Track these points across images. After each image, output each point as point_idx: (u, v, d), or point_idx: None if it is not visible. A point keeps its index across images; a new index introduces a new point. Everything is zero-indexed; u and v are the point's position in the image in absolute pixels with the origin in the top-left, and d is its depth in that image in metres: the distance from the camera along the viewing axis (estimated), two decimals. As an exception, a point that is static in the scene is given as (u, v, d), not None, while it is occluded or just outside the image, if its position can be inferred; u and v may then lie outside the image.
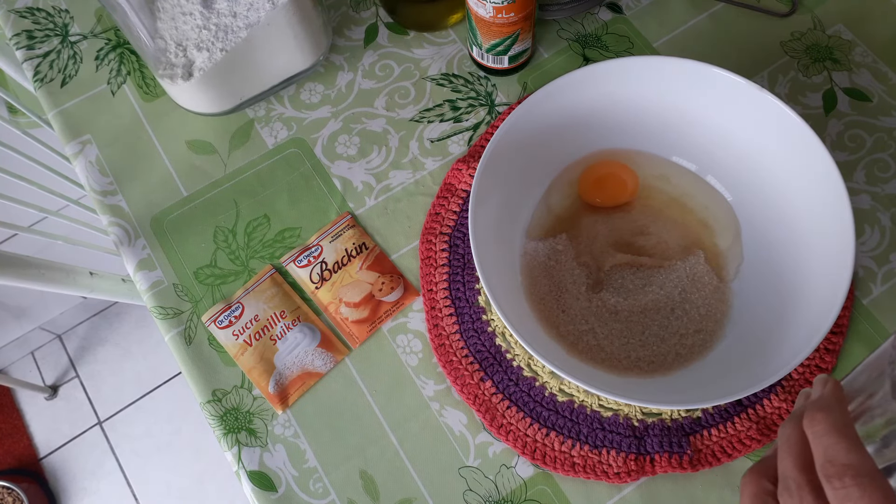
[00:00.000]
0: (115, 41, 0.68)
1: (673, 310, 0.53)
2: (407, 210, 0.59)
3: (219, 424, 0.54)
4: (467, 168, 0.58)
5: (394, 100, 0.63)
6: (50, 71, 0.67)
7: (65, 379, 1.41)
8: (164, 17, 0.55)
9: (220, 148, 0.62)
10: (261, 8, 0.55)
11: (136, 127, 0.64)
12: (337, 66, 0.65)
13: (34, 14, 0.70)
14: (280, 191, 0.61)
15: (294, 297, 0.57)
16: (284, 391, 0.54)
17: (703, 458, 0.50)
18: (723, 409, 0.51)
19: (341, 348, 0.55)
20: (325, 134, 0.62)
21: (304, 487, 0.51)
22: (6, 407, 1.38)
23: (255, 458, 0.52)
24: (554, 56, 0.64)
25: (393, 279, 0.56)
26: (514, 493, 0.51)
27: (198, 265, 0.58)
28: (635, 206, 0.57)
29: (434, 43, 0.65)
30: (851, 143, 0.60)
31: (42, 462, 1.34)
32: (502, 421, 0.52)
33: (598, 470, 0.50)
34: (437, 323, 0.55)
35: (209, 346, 0.56)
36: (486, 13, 0.55)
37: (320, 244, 0.58)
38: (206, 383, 0.55)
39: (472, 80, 0.64)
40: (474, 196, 0.50)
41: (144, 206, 0.61)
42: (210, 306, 0.57)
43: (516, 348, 0.54)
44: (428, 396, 0.53)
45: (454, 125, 0.62)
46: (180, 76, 0.56)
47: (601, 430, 0.51)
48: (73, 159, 0.64)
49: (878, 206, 0.57)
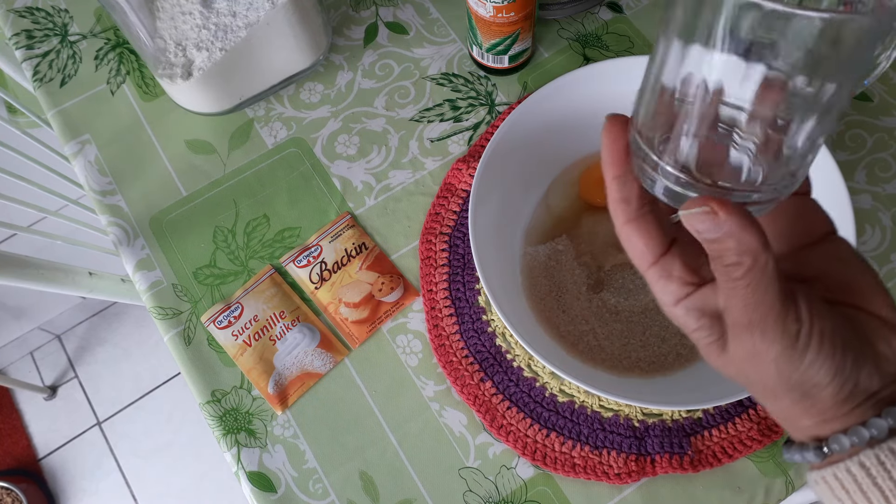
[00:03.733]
0: (115, 41, 0.68)
1: (673, 310, 0.53)
2: (407, 210, 0.59)
3: (218, 425, 0.53)
4: (467, 168, 0.58)
5: (394, 99, 0.63)
6: (49, 71, 0.67)
7: (64, 379, 1.41)
8: (164, 17, 0.55)
9: (219, 148, 0.62)
10: (260, 7, 0.54)
11: (135, 127, 0.64)
12: (337, 65, 0.65)
13: (34, 14, 0.70)
14: (279, 191, 0.60)
15: (293, 298, 0.57)
16: (284, 392, 0.54)
17: (703, 459, 0.50)
18: (724, 410, 0.51)
19: (341, 349, 0.55)
20: (324, 134, 0.62)
21: (303, 488, 0.51)
22: (5, 407, 1.38)
23: (254, 458, 0.52)
24: (554, 56, 0.64)
25: (393, 279, 0.56)
26: (515, 494, 0.50)
27: (197, 265, 0.58)
28: (636, 206, 0.56)
29: (434, 42, 0.65)
30: (852, 143, 0.59)
31: (41, 462, 1.34)
32: (502, 422, 0.51)
33: (599, 471, 0.50)
34: (437, 323, 0.55)
35: (208, 347, 0.56)
36: (486, 13, 0.55)
37: (320, 244, 0.58)
38: (205, 384, 0.55)
39: (472, 80, 0.63)
40: (474, 196, 0.50)
41: (144, 206, 0.61)
42: (209, 306, 0.57)
43: (516, 349, 0.54)
44: (428, 397, 0.53)
45: (454, 125, 0.62)
46: (180, 76, 0.56)
47: (602, 430, 0.51)
48: (72, 159, 0.63)
49: (879, 205, 0.57)
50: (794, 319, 0.24)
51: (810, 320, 0.24)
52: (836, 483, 0.25)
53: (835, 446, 0.25)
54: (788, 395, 0.26)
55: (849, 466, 0.25)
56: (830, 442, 0.26)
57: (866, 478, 0.24)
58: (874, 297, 0.26)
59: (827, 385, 0.25)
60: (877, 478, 0.24)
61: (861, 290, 0.27)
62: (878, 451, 0.24)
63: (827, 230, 0.28)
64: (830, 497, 0.26)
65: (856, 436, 0.25)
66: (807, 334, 0.24)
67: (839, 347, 0.24)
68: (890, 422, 0.25)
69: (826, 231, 0.28)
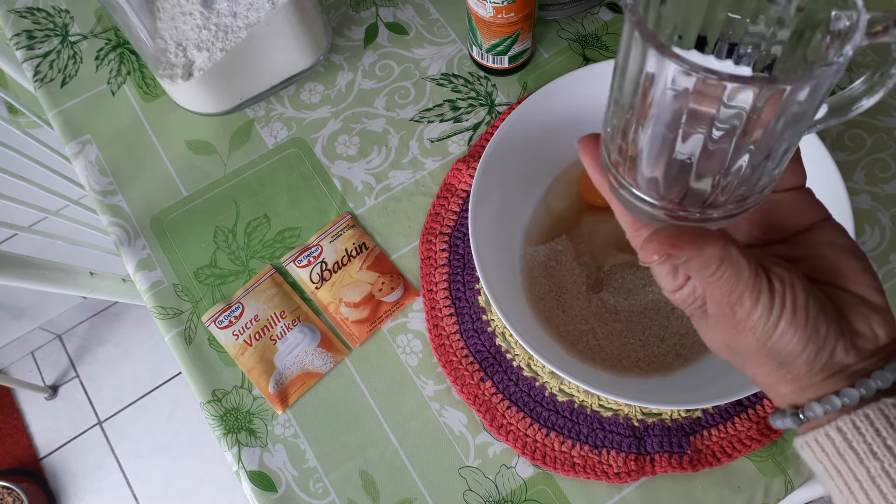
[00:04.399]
0: (115, 41, 0.68)
1: (673, 310, 0.53)
2: (407, 210, 0.59)
3: (219, 424, 0.53)
4: (467, 168, 0.58)
5: (394, 100, 0.63)
6: (50, 71, 0.67)
7: (65, 379, 1.41)
8: (164, 17, 0.55)
9: (220, 148, 0.62)
10: (261, 8, 0.55)
11: (135, 127, 0.64)
12: (337, 65, 0.65)
13: (34, 14, 0.70)
14: (280, 191, 0.60)
15: (294, 297, 0.57)
16: (284, 391, 0.54)
17: (703, 459, 0.50)
18: (723, 410, 0.51)
19: (341, 348, 0.55)
20: (324, 134, 0.62)
21: (304, 487, 0.51)
22: (6, 407, 1.38)
23: (255, 458, 0.52)
24: (554, 56, 0.64)
25: (393, 279, 0.56)
26: (515, 494, 0.51)
27: (198, 265, 0.58)
28: (635, 206, 0.57)
29: (434, 43, 0.65)
30: (851, 143, 0.60)
31: (42, 462, 1.34)
32: (502, 421, 0.52)
33: (598, 470, 0.50)
34: (437, 323, 0.55)
35: (209, 347, 0.56)
36: (486, 13, 0.55)
37: (320, 244, 0.58)
38: (206, 383, 0.55)
39: (472, 80, 0.64)
40: (474, 196, 0.50)
41: (144, 206, 0.61)
42: (210, 306, 0.57)
43: (516, 348, 0.54)
44: (428, 396, 0.53)
45: (454, 125, 0.62)
46: (180, 76, 0.56)
47: (601, 430, 0.51)
48: (73, 159, 0.64)
49: (878, 205, 0.57)
50: (767, 291, 0.26)
51: (783, 292, 0.26)
52: (817, 446, 0.28)
53: (810, 413, 0.28)
54: (768, 363, 0.28)
55: (827, 431, 0.27)
56: (806, 409, 0.28)
57: (843, 441, 0.27)
58: (857, 278, 0.28)
59: (800, 353, 0.27)
60: (852, 441, 0.26)
61: (844, 271, 0.29)
62: (854, 417, 0.26)
63: (822, 217, 0.30)
64: (814, 460, 0.28)
65: (829, 404, 0.27)
66: (780, 305, 0.26)
67: (811, 318, 0.27)
68: (862, 392, 0.27)
69: (821, 218, 0.30)
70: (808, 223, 0.30)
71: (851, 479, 0.26)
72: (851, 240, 0.30)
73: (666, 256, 0.26)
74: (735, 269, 0.26)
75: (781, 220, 0.30)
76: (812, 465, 0.29)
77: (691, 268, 0.26)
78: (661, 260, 0.26)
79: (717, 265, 0.26)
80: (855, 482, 0.26)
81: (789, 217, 0.30)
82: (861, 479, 0.26)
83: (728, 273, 0.26)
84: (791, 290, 0.26)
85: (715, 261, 0.26)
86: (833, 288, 0.28)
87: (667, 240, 0.26)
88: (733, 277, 0.26)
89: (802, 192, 0.30)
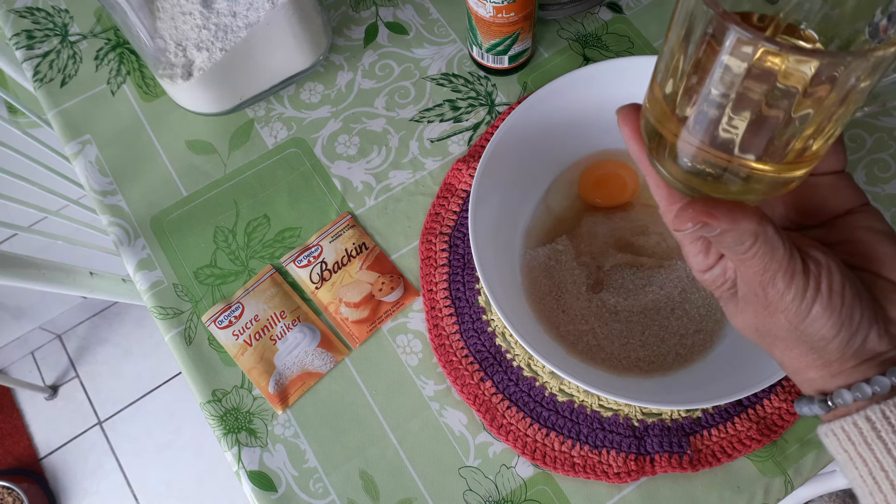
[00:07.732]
0: (115, 41, 0.68)
1: (673, 310, 0.53)
2: (407, 210, 0.59)
3: (219, 424, 0.53)
4: (467, 168, 0.58)
5: (394, 100, 0.63)
6: (50, 71, 0.67)
7: (65, 379, 1.41)
8: (164, 17, 0.55)
9: (219, 148, 0.62)
10: (260, 7, 0.55)
11: (135, 127, 0.64)
12: (337, 65, 0.65)
13: (34, 14, 0.70)
14: (280, 191, 0.60)
15: (294, 297, 0.57)
16: (284, 391, 0.54)
17: (703, 458, 0.50)
18: (723, 409, 0.51)
19: (341, 348, 0.55)
20: (324, 134, 0.62)
21: (304, 487, 0.51)
22: (6, 407, 1.38)
23: (255, 458, 0.52)
24: (554, 56, 0.64)
25: (393, 279, 0.56)
26: (515, 494, 0.51)
27: (198, 265, 0.58)
28: (635, 205, 0.57)
29: (434, 43, 0.65)
30: (851, 143, 0.60)
31: (42, 462, 1.34)
32: (502, 421, 0.52)
33: (598, 470, 0.50)
34: (437, 323, 0.55)
35: (209, 347, 0.56)
36: (486, 13, 0.55)
37: (320, 244, 0.58)
38: (206, 383, 0.55)
39: (472, 80, 0.64)
40: (474, 196, 0.50)
41: (144, 206, 0.61)
42: (210, 306, 0.57)
43: (516, 348, 0.54)
44: (428, 396, 0.53)
45: (454, 125, 0.62)
46: (180, 76, 0.56)
47: (601, 430, 0.51)
48: (72, 159, 0.64)
49: (878, 206, 0.57)
50: (801, 273, 0.26)
51: (818, 275, 0.26)
52: (843, 434, 0.27)
53: (839, 400, 0.27)
54: (798, 347, 0.28)
55: (855, 420, 0.26)
56: (835, 396, 0.27)
57: (871, 430, 0.26)
58: (894, 264, 0.28)
59: (832, 339, 0.26)
60: (881, 431, 0.26)
61: (881, 257, 0.28)
62: (884, 406, 0.26)
63: (860, 202, 0.30)
64: (838, 448, 0.28)
65: (859, 391, 0.27)
66: (815, 287, 0.26)
67: (847, 304, 0.26)
68: (893, 380, 0.26)
69: (860, 203, 0.30)
70: (845, 207, 0.30)
71: (878, 469, 0.26)
72: (889, 226, 0.29)
73: (701, 224, 0.25)
74: (769, 248, 0.26)
75: (819, 204, 0.30)
76: (836, 453, 0.28)
77: (724, 242, 0.26)
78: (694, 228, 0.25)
79: (751, 241, 0.25)
80: (881, 472, 0.26)
81: (827, 200, 0.30)
82: (888, 470, 0.26)
83: (762, 251, 0.26)
84: (827, 273, 0.26)
85: (749, 236, 0.25)
86: (868, 273, 0.28)
87: (703, 208, 0.25)
88: (767, 255, 0.26)
89: (842, 175, 0.30)
